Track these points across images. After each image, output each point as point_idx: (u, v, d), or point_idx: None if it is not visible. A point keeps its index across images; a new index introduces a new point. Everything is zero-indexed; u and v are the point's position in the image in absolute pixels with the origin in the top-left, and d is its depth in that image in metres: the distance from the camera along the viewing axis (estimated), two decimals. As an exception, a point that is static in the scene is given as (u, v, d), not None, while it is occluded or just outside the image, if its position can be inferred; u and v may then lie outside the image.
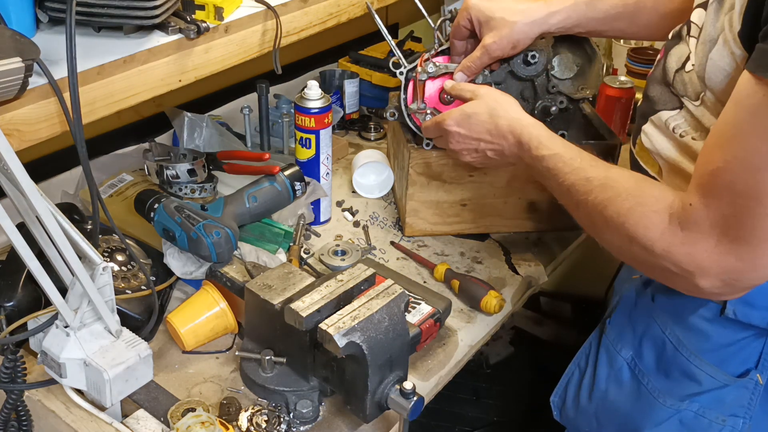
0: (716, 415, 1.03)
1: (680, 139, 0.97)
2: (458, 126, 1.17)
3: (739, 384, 1.01)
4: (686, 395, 1.04)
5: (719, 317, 0.98)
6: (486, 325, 1.27)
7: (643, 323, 1.08)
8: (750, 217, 0.79)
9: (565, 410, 1.22)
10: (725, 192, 0.81)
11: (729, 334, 0.99)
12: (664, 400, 1.06)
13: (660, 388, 1.07)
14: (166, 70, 1.07)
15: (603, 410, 1.14)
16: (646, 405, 1.08)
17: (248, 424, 1.03)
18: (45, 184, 1.43)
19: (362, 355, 0.94)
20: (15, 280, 1.11)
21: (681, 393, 1.05)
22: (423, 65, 1.31)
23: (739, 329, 0.99)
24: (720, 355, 1.01)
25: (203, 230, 1.17)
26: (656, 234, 0.86)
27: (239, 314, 1.17)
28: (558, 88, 1.36)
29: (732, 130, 0.80)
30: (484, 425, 2.25)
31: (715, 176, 0.82)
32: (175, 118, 1.57)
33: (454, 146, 1.19)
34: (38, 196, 0.84)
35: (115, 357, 0.97)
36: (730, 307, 0.96)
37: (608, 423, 1.14)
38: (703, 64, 0.90)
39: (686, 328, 1.02)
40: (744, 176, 0.78)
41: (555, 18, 1.21)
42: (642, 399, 1.09)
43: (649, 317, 1.07)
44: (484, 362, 2.43)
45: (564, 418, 1.23)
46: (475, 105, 1.16)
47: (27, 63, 0.86)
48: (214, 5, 1.11)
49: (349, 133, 1.85)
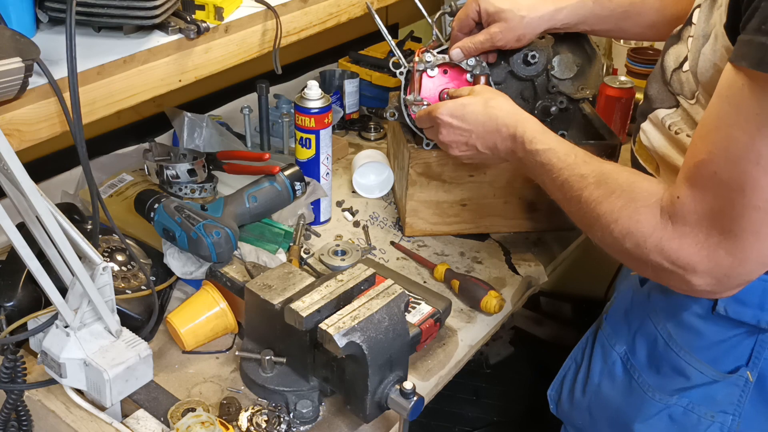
0: (705, 411, 1.04)
1: (675, 136, 0.97)
2: (451, 116, 1.16)
3: (729, 381, 1.01)
4: (675, 390, 1.05)
5: (711, 314, 0.99)
6: (486, 325, 1.27)
7: (638, 319, 1.09)
8: (735, 208, 0.78)
9: (561, 404, 1.23)
10: (710, 183, 0.80)
11: (720, 331, 1.00)
12: (653, 395, 1.07)
13: (651, 383, 1.07)
14: (166, 70, 1.07)
15: (596, 404, 1.15)
16: (636, 399, 1.09)
17: (248, 424, 1.03)
18: (45, 184, 1.43)
19: (362, 355, 0.94)
20: (15, 280, 1.11)
21: (671, 388, 1.05)
22: (420, 56, 1.32)
23: (730, 326, 0.99)
24: (711, 352, 1.01)
25: (203, 230, 1.17)
26: (648, 229, 0.86)
27: (239, 314, 1.17)
28: (558, 88, 1.36)
29: (714, 122, 0.80)
30: (484, 425, 2.25)
31: (699, 168, 0.81)
32: (175, 118, 1.57)
33: (444, 137, 1.18)
34: (38, 196, 0.84)
35: (115, 357, 0.97)
36: (722, 304, 0.97)
37: (600, 417, 1.15)
38: (696, 59, 0.91)
39: (679, 324, 1.03)
40: (726, 167, 0.78)
41: (562, 14, 1.22)
42: (633, 393, 1.09)
43: (645, 314, 1.08)
44: (484, 362, 2.43)
45: (560, 412, 1.24)
46: (470, 98, 1.17)
47: (27, 63, 0.86)
48: (214, 5, 1.11)
49: (349, 133, 1.85)
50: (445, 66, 1.33)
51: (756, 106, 0.75)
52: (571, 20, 1.23)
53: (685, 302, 1.01)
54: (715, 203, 0.80)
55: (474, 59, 1.32)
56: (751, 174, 0.76)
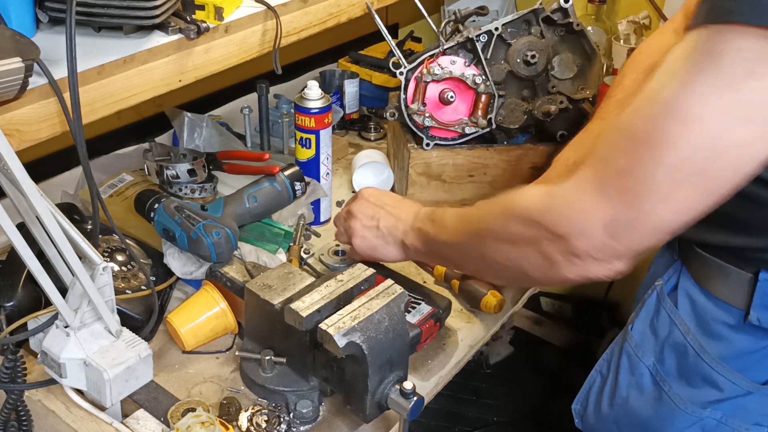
0: (739, 423, 1.01)
1: None
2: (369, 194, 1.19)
3: (763, 392, 0.99)
4: (708, 402, 1.02)
5: (743, 324, 0.96)
6: (486, 325, 1.27)
7: (666, 329, 1.06)
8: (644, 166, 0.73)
9: (587, 417, 1.19)
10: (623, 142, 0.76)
11: (753, 341, 0.97)
12: (686, 407, 1.03)
13: (682, 395, 1.04)
14: (166, 70, 1.07)
15: (624, 417, 1.12)
16: (667, 412, 1.05)
17: (248, 424, 1.03)
18: (45, 184, 1.43)
19: (362, 355, 0.94)
20: (15, 280, 1.11)
21: (703, 400, 1.02)
22: (429, 67, 1.31)
23: (762, 336, 0.96)
24: (743, 362, 0.99)
25: (203, 230, 1.17)
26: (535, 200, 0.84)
27: (239, 314, 1.17)
28: (558, 88, 1.36)
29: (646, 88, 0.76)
30: (484, 425, 2.25)
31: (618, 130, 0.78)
32: (175, 118, 1.57)
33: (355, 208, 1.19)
34: (38, 196, 0.84)
35: (115, 357, 0.97)
36: (754, 313, 0.94)
37: (629, 430, 1.12)
38: None
39: (709, 334, 1.00)
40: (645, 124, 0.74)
41: None
42: (663, 406, 1.06)
43: (672, 323, 1.05)
44: (484, 362, 2.43)
45: (585, 426, 1.21)
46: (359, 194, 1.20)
47: (27, 63, 0.86)
48: (214, 5, 1.11)
49: (349, 133, 1.85)
50: (451, 79, 1.33)
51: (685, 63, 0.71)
52: None
53: (715, 312, 0.98)
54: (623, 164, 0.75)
55: (481, 78, 1.32)
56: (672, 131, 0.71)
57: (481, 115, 1.37)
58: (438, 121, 1.37)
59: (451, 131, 1.39)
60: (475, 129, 1.38)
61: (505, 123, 1.40)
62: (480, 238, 0.95)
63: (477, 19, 1.50)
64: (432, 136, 1.39)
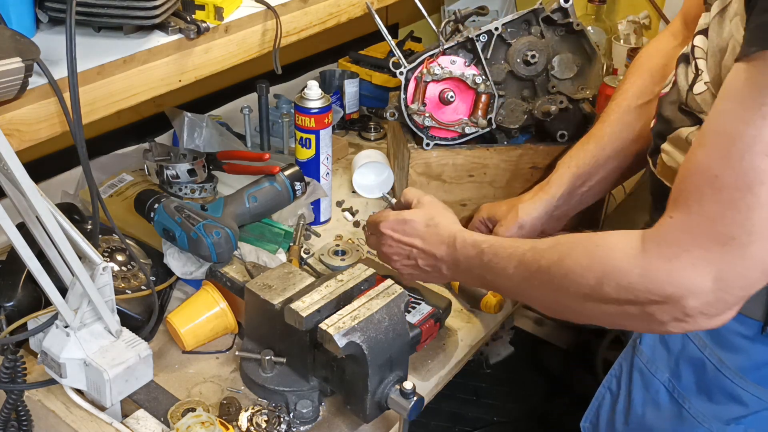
0: None
1: None
2: (392, 230, 1.11)
3: None
4: (732, 418, 0.99)
5: (760, 335, 0.94)
6: (486, 325, 1.27)
7: (678, 344, 1.02)
8: (741, 211, 0.71)
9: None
10: (709, 191, 0.73)
11: None
12: (710, 425, 1.00)
13: (704, 412, 1.01)
14: (166, 70, 1.07)
15: None
16: (688, 430, 1.02)
17: (248, 424, 1.03)
18: (45, 184, 1.43)
19: (362, 355, 0.94)
20: (15, 280, 1.11)
21: (727, 416, 0.99)
22: (429, 67, 1.31)
23: None
24: (763, 374, 0.97)
25: (203, 230, 1.17)
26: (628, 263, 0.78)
27: (239, 314, 1.17)
28: (558, 88, 1.36)
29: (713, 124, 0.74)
30: (484, 425, 2.24)
31: (696, 177, 0.75)
32: (175, 118, 1.57)
33: (386, 249, 1.12)
34: (38, 196, 0.84)
35: (115, 357, 0.97)
36: None
37: None
38: (717, 74, 0.86)
39: (726, 347, 0.97)
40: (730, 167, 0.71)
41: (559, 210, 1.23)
42: (684, 423, 1.03)
43: (685, 337, 1.01)
44: (484, 362, 2.42)
45: None
46: (414, 212, 1.11)
47: (27, 63, 0.86)
48: (214, 5, 1.11)
49: (349, 133, 1.85)
50: (451, 79, 1.33)
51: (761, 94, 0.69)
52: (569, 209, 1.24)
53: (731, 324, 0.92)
54: (714, 210, 0.73)
55: (481, 78, 1.32)
56: (760, 167, 0.69)
57: (481, 115, 1.37)
58: (438, 121, 1.37)
59: (451, 131, 1.39)
60: (475, 129, 1.38)
61: (505, 123, 1.40)
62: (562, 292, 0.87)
63: (477, 19, 1.50)
64: (432, 136, 1.39)
